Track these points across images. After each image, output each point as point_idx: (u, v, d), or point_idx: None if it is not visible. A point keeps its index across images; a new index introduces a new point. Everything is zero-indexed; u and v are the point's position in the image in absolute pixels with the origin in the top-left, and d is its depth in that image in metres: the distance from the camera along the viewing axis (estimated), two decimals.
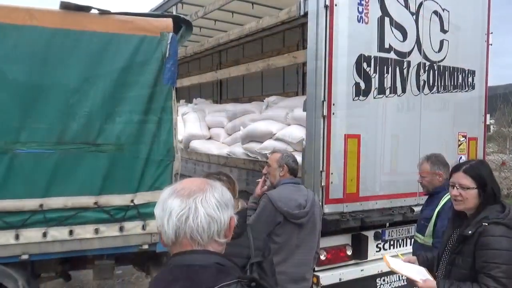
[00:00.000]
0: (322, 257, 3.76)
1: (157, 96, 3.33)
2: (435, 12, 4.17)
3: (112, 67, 3.20)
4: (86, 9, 3.16)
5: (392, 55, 3.88)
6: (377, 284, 4.03)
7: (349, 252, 3.90)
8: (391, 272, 3.65)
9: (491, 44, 4.66)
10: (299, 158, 3.89)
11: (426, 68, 4.14)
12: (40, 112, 3.05)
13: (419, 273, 2.33)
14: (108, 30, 3.20)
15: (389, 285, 4.10)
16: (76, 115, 3.13)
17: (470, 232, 2.09)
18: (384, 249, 4.07)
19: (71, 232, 3.15)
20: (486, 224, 2.06)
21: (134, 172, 3.29)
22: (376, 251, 4.03)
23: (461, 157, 4.43)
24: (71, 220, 3.15)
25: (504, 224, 2.06)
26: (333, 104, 3.57)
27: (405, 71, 3.98)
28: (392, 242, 4.15)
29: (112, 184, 3.24)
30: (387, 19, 3.83)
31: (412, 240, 3.66)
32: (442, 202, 3.22)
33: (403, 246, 4.19)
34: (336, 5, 3.54)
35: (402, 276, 3.80)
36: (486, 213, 2.11)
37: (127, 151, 3.26)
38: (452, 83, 4.36)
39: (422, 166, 3.32)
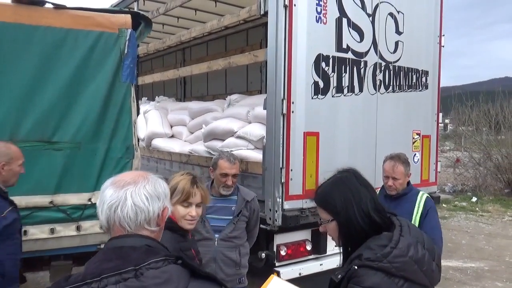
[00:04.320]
0: (283, 253, 3.83)
1: (115, 93, 3.29)
2: (391, 14, 4.32)
3: (67, 63, 3.14)
4: (40, 3, 3.08)
5: (349, 55, 4.00)
6: None
7: (308, 247, 3.99)
8: None
9: (443, 46, 4.89)
10: (260, 155, 3.95)
11: (382, 68, 4.29)
12: None
13: None
14: (64, 26, 3.13)
15: None
16: (30, 112, 3.05)
17: (339, 276, 1.54)
18: None
19: (25, 232, 3.06)
20: (356, 267, 1.48)
21: (92, 170, 3.24)
22: (335, 246, 4.12)
23: (415, 154, 4.62)
24: (26, 220, 3.06)
25: (380, 269, 1.45)
26: (293, 103, 3.64)
27: (362, 70, 4.11)
28: None
29: (68, 183, 3.18)
30: (344, 20, 3.94)
31: None
32: (420, 204, 3.01)
33: None
34: (295, 5, 3.61)
35: None
36: (361, 250, 1.54)
37: (84, 149, 3.20)
38: (406, 83, 4.54)
39: (396, 169, 3.02)
